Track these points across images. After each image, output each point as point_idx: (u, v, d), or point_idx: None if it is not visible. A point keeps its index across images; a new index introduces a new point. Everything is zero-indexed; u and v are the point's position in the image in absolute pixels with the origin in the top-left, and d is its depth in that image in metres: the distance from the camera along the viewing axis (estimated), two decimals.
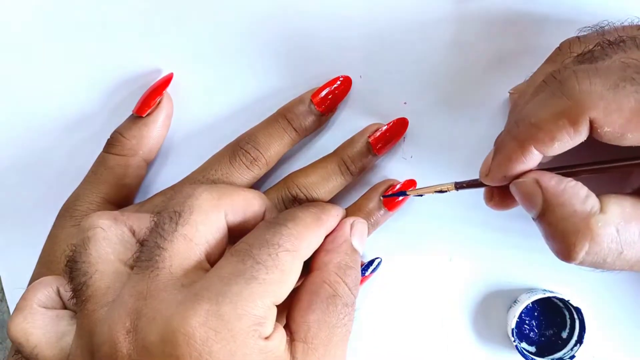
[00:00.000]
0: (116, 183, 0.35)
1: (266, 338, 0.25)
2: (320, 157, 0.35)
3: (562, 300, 0.34)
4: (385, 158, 0.35)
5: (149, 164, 0.36)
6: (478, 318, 0.36)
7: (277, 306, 0.26)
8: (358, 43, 0.35)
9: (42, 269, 0.34)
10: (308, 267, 0.29)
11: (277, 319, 0.26)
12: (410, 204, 0.35)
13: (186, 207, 0.27)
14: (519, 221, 0.35)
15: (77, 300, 0.27)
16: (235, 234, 0.28)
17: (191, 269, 0.26)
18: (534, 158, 0.26)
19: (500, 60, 0.34)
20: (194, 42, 0.36)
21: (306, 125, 0.34)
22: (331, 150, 0.35)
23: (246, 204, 0.29)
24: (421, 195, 0.33)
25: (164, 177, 0.37)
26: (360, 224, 0.32)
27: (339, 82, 0.34)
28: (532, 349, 0.36)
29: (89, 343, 0.25)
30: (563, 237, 0.25)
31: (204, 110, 0.36)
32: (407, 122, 0.34)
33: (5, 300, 0.40)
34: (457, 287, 0.36)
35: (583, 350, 0.34)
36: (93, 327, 0.25)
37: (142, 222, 0.29)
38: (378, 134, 0.34)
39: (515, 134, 0.26)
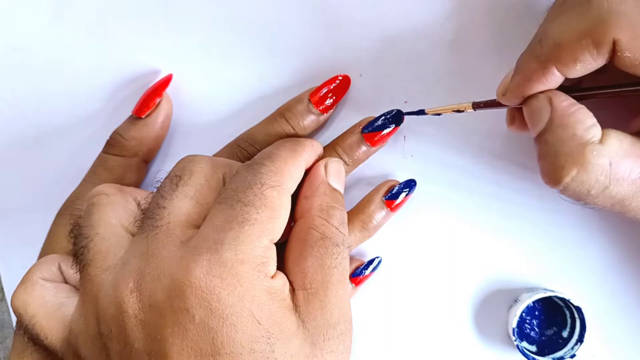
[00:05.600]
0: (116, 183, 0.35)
1: (272, 278, 0.25)
2: None
3: (562, 299, 0.34)
4: (386, 157, 0.35)
5: (148, 164, 0.36)
6: (479, 317, 0.36)
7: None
8: (358, 42, 0.34)
9: None
10: (293, 217, 0.29)
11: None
12: (411, 205, 0.35)
13: (187, 171, 0.28)
14: (520, 221, 0.35)
15: (79, 266, 0.27)
16: None
17: (190, 226, 0.26)
18: (555, 79, 0.25)
19: (502, 59, 0.33)
20: (193, 42, 0.36)
21: (304, 125, 0.34)
22: None
23: None
24: (439, 115, 0.32)
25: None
26: (333, 162, 0.31)
27: (337, 81, 0.34)
28: (533, 348, 0.36)
29: (94, 309, 0.26)
30: (555, 157, 0.25)
31: (204, 111, 0.36)
32: (402, 114, 0.34)
33: (5, 300, 0.40)
34: (457, 286, 0.36)
35: (584, 349, 0.34)
36: (97, 292, 0.26)
37: (147, 194, 0.29)
38: None
39: (538, 54, 0.25)
